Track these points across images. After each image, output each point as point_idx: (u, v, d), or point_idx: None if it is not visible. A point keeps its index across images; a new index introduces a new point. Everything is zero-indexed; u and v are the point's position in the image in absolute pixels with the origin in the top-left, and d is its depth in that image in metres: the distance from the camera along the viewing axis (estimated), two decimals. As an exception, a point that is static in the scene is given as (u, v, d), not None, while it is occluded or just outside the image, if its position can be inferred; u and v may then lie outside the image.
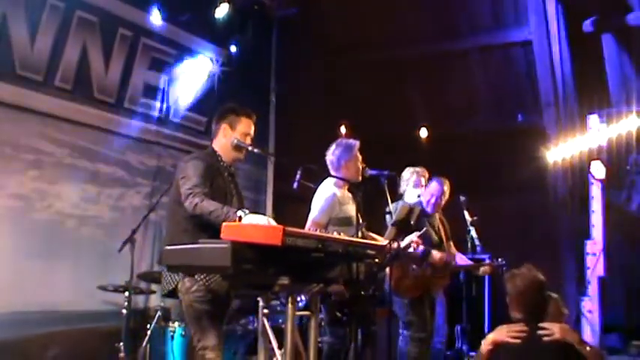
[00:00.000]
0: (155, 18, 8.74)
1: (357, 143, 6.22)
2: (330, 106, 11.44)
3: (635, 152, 9.69)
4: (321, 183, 6.20)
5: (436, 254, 6.91)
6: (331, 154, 6.21)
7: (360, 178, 6.10)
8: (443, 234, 7.32)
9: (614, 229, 9.78)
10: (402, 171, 7.35)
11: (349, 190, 6.15)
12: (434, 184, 7.24)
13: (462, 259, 7.46)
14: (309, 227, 5.96)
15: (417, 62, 11.29)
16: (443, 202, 7.28)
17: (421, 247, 6.62)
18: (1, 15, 7.25)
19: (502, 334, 4.45)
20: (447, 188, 7.25)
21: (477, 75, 11.25)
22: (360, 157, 6.17)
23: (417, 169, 7.36)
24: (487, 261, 8.13)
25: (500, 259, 7.31)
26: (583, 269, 9.80)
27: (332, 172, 6.14)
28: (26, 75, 7.54)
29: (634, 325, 9.76)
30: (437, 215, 7.33)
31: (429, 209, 7.18)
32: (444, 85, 11.44)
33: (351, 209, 5.99)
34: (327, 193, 6.09)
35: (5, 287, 7.01)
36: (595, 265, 9.41)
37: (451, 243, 7.46)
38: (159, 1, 8.87)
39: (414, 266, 6.83)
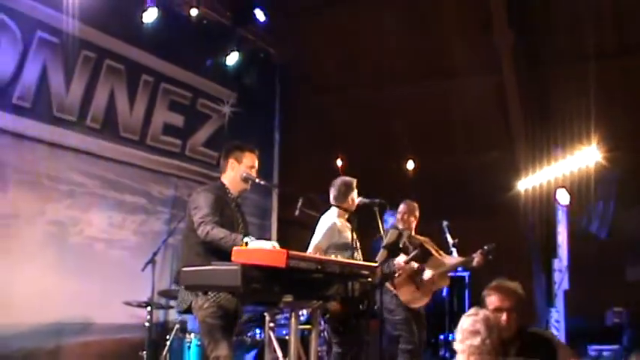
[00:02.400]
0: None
1: (354, 180, 6.32)
2: (326, 142, 11.50)
3: (594, 181, 9.77)
4: (320, 210, 6.27)
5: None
6: (335, 189, 6.31)
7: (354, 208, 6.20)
8: (431, 247, 7.30)
9: (578, 248, 9.83)
10: (392, 199, 7.37)
11: (347, 218, 6.21)
12: (403, 205, 7.25)
13: (454, 259, 7.46)
14: (311, 250, 6.03)
15: (404, 101, 11.35)
16: (413, 219, 7.24)
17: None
18: (42, 64, 7.40)
19: None
20: (416, 209, 7.24)
21: (456, 112, 11.31)
22: (356, 191, 6.28)
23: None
24: (467, 278, 8.12)
25: (487, 246, 7.17)
26: (551, 284, 9.83)
27: (334, 203, 6.22)
28: (62, 116, 7.68)
29: (595, 332, 9.77)
30: (417, 236, 7.32)
31: (403, 225, 7.16)
32: (426, 121, 11.47)
33: (348, 236, 6.04)
34: (329, 221, 6.17)
35: (46, 301, 7.10)
36: (561, 281, 9.44)
37: (441, 252, 7.43)
38: (178, 51, 9.05)
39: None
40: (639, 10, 9.67)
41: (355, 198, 6.24)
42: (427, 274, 6.96)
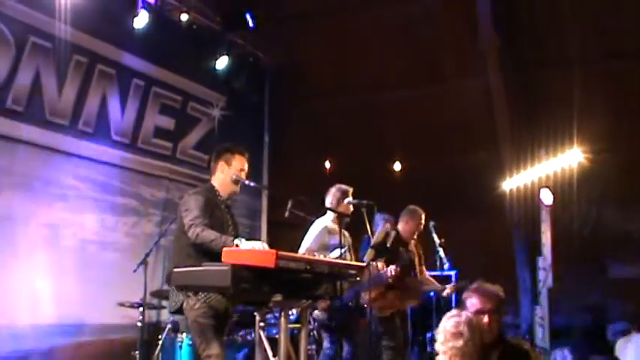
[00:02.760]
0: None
1: (351, 189, 6.45)
2: (315, 144, 11.53)
3: (576, 181, 9.86)
4: (310, 212, 6.33)
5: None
6: (330, 195, 6.44)
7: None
8: (416, 258, 7.33)
9: (561, 246, 9.89)
10: (379, 199, 7.39)
11: (338, 222, 6.26)
12: (416, 213, 7.22)
13: (431, 281, 7.49)
14: (302, 252, 6.10)
15: (392, 104, 11.39)
16: (419, 227, 7.26)
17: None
18: (35, 69, 7.42)
19: None
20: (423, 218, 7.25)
21: (445, 114, 11.34)
22: (351, 198, 6.36)
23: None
24: (453, 277, 8.18)
25: (460, 282, 7.30)
26: (536, 282, 9.88)
27: (330, 207, 6.31)
28: (54, 120, 7.70)
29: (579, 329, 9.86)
30: (412, 241, 7.33)
31: (406, 233, 7.18)
32: (414, 124, 11.51)
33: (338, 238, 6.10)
34: (321, 225, 6.36)
35: (40, 303, 7.16)
36: (545, 279, 9.49)
37: (423, 268, 7.48)
38: (168, 55, 9.07)
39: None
40: (623, 14, 9.78)
41: (350, 204, 6.36)
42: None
